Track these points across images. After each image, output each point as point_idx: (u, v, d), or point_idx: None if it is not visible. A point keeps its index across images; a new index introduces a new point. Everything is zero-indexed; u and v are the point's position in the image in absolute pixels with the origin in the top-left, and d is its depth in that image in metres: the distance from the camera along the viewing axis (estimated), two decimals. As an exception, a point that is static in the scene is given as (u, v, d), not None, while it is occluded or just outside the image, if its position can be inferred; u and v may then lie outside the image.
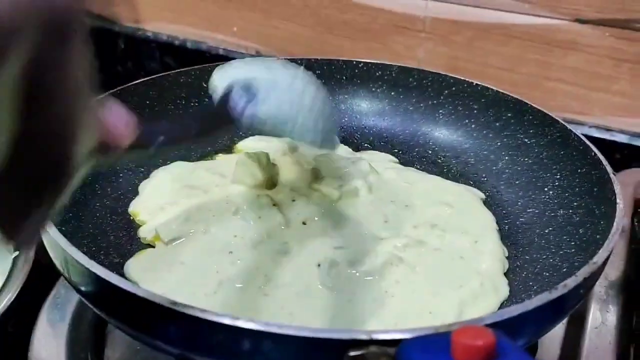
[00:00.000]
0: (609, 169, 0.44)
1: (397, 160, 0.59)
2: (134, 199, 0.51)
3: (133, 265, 0.44)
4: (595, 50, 0.65)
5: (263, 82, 0.40)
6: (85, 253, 0.35)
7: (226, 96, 0.39)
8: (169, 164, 0.56)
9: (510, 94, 0.57)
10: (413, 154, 0.60)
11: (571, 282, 0.33)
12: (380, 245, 0.45)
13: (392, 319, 0.39)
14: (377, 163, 0.55)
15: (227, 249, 0.44)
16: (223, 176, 0.52)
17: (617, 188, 0.42)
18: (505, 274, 0.44)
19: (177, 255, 0.44)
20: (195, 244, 0.45)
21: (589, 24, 0.64)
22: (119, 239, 0.47)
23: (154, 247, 0.46)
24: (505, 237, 0.49)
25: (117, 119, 0.28)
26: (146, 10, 0.89)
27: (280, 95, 0.40)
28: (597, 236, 0.41)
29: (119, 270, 0.44)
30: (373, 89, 0.64)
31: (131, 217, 0.50)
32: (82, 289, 0.37)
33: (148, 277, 0.42)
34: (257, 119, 0.39)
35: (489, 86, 0.58)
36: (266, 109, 0.39)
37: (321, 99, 0.42)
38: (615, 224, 0.39)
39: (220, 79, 0.42)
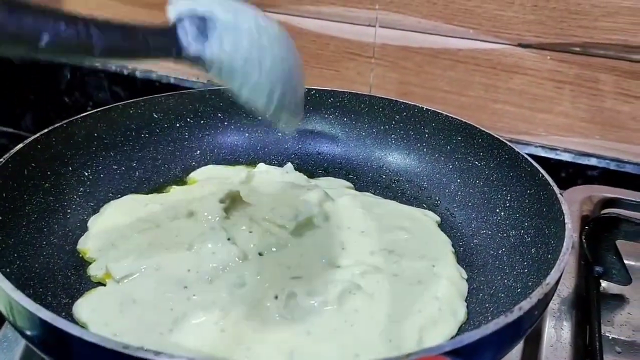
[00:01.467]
0: (556, 189, 0.46)
1: (352, 186, 0.59)
2: (82, 235, 0.50)
3: (82, 306, 0.42)
4: (538, 73, 0.67)
5: (221, 22, 0.35)
6: (31, 295, 0.34)
7: (174, 26, 0.34)
8: (119, 197, 0.54)
9: (459, 118, 0.58)
10: (367, 179, 0.61)
11: (526, 305, 0.34)
12: (338, 273, 0.45)
13: (352, 349, 0.39)
14: (332, 189, 0.56)
15: (182, 284, 0.43)
16: (176, 209, 0.51)
17: (565, 208, 0.43)
18: (463, 296, 0.45)
19: (130, 293, 0.42)
20: (148, 280, 0.43)
21: (530, 48, 0.66)
22: (67, 279, 0.45)
23: (104, 285, 0.44)
24: (461, 259, 0.49)
25: None
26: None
27: (237, 41, 0.35)
28: (549, 256, 0.42)
29: (68, 312, 0.42)
30: (326, 116, 0.64)
31: (80, 255, 0.48)
32: (29, 333, 0.35)
33: (98, 317, 0.41)
34: (204, 58, 0.34)
35: (438, 111, 0.60)
36: (216, 51, 0.34)
37: (289, 66, 0.38)
38: (565, 244, 0.39)
39: (174, 9, 0.35)
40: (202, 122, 0.62)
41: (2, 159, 0.46)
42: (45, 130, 0.51)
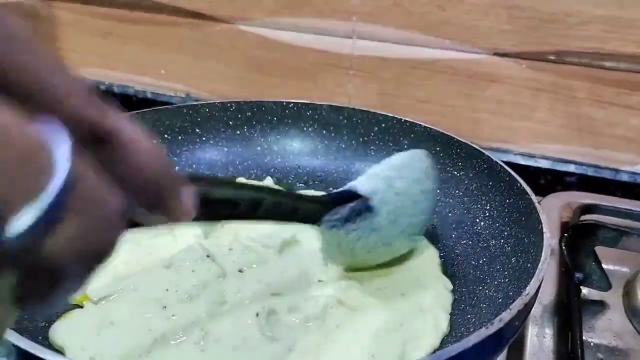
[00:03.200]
0: (534, 198, 0.46)
1: (333, 199, 0.59)
2: (59, 256, 0.49)
3: (60, 329, 0.41)
4: (515, 81, 0.68)
5: (377, 221, 0.43)
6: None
7: (338, 200, 0.41)
8: (96, 216, 0.53)
9: (438, 128, 0.58)
10: (348, 191, 0.60)
11: (506, 316, 0.34)
12: (320, 288, 0.44)
13: (334, 365, 0.38)
14: (312, 203, 0.55)
15: (161, 304, 0.42)
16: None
17: (543, 217, 0.43)
18: (446, 308, 0.45)
19: (107, 314, 0.42)
20: (126, 301, 0.43)
21: (506, 57, 0.67)
22: (43, 301, 0.44)
23: (82, 307, 0.44)
24: (443, 270, 0.49)
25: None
26: (69, 55, 0.86)
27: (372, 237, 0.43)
28: (528, 265, 0.42)
29: (45, 335, 0.41)
30: (304, 129, 0.64)
31: (57, 276, 0.47)
32: (3, 360, 0.34)
33: (76, 340, 0.40)
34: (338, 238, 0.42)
35: (416, 122, 0.60)
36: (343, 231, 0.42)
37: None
38: (543, 253, 0.40)
39: (367, 183, 0.43)
40: (179, 137, 0.62)
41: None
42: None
